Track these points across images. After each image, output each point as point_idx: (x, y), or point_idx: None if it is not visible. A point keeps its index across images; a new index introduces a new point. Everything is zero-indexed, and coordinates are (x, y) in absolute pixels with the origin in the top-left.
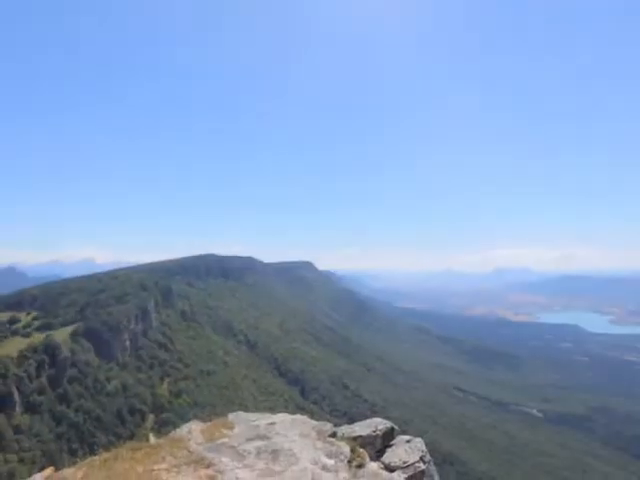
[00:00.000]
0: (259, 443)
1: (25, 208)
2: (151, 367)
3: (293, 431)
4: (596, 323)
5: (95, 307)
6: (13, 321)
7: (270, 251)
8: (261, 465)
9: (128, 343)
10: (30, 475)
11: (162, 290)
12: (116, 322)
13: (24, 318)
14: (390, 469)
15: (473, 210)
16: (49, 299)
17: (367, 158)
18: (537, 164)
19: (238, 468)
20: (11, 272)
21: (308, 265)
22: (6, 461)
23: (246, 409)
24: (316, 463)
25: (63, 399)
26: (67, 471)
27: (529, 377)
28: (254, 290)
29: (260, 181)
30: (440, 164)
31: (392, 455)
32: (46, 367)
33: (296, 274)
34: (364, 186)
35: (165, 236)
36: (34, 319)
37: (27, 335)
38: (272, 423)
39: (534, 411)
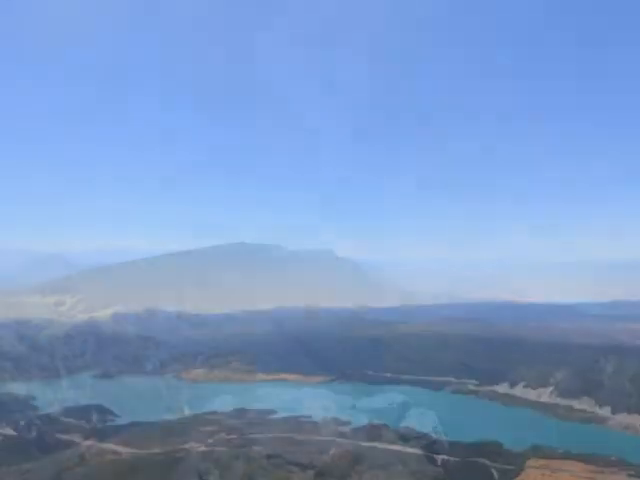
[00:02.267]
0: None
1: (71, 200)
2: None
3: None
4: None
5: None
6: (60, 304)
7: (295, 239)
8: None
9: None
10: None
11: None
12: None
13: (69, 301)
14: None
15: (479, 202)
16: (92, 284)
17: (380, 155)
18: (538, 159)
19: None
20: (58, 259)
21: (329, 252)
22: None
23: None
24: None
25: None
26: None
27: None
28: (280, 274)
29: (287, 177)
30: (450, 159)
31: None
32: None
33: (317, 260)
34: (377, 182)
35: (197, 226)
36: (79, 302)
37: (72, 316)
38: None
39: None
